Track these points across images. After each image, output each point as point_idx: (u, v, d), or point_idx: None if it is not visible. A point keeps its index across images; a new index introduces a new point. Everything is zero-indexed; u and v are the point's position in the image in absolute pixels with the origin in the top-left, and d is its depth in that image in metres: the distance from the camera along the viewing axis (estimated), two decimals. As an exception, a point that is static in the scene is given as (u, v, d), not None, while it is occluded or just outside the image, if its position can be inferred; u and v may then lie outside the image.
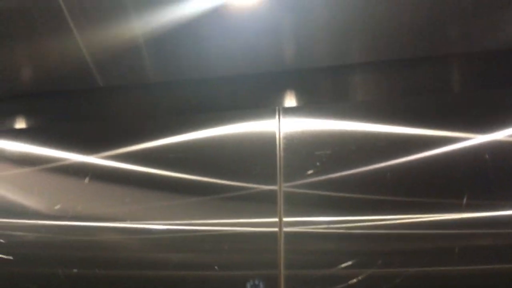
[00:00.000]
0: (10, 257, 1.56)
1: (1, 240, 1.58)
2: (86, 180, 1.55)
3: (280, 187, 1.40)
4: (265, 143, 1.45)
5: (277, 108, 1.49)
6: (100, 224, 1.50)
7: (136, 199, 1.50)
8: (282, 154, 1.43)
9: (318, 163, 1.40)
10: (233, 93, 1.60)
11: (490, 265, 1.26)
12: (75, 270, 1.50)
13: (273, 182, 1.41)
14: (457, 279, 1.26)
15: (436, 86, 1.46)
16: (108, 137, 1.60)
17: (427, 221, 1.30)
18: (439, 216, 1.30)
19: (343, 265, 1.31)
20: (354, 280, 1.30)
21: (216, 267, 1.39)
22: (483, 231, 1.28)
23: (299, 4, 1.39)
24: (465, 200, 1.30)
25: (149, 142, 1.55)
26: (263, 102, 1.55)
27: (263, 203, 1.40)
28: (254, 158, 1.44)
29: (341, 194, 1.36)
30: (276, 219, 1.37)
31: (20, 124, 1.77)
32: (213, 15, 1.43)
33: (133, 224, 1.47)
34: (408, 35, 1.44)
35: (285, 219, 1.37)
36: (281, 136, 1.44)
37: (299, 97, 1.54)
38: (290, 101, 1.54)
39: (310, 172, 1.39)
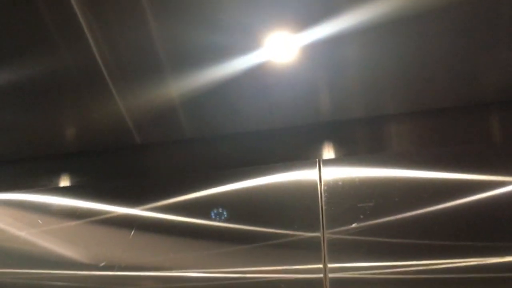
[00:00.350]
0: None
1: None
2: (132, 233, 1.58)
3: (323, 234, 1.41)
4: (307, 193, 1.47)
5: (317, 160, 1.52)
6: (146, 273, 1.52)
7: (180, 249, 1.51)
8: (324, 207, 1.43)
9: (361, 216, 1.41)
10: (272, 147, 1.65)
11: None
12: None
13: (316, 229, 1.42)
14: None
15: (473, 134, 1.49)
16: (148, 192, 1.64)
17: (476, 265, 1.29)
18: (488, 260, 1.29)
19: None
20: None
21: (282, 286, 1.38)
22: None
23: (333, 60, 1.45)
24: None
25: (190, 194, 1.58)
26: (302, 155, 1.59)
27: (307, 250, 1.40)
28: (296, 207, 1.46)
29: (386, 240, 1.37)
30: (321, 266, 1.38)
31: (65, 181, 1.83)
32: (250, 74, 1.49)
33: (178, 273, 1.48)
34: (442, 85, 1.48)
35: (329, 265, 1.37)
36: (322, 189, 1.46)
37: (337, 149, 1.58)
38: (328, 152, 1.58)
39: (354, 225, 1.40)
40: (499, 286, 1.27)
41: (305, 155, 1.60)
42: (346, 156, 1.56)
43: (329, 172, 1.49)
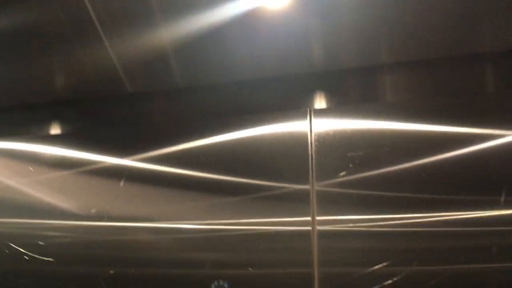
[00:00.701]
0: (50, 259, 1.60)
1: (40, 243, 1.62)
2: (121, 183, 1.58)
3: (313, 186, 1.41)
4: (297, 144, 1.45)
5: (308, 110, 1.49)
6: (136, 224, 1.53)
7: (170, 200, 1.52)
8: (314, 156, 1.43)
9: (350, 165, 1.40)
10: (263, 96, 1.61)
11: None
12: (111, 272, 1.52)
13: (306, 182, 1.41)
14: (494, 276, 1.25)
15: (467, 85, 1.45)
16: (139, 141, 1.63)
17: (463, 218, 1.29)
18: (476, 214, 1.28)
19: (378, 266, 1.31)
20: (390, 281, 1.30)
21: (250, 269, 1.40)
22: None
23: (327, 7, 1.41)
24: (503, 196, 1.28)
25: (181, 145, 1.56)
26: (293, 104, 1.56)
27: (296, 202, 1.40)
28: (286, 158, 1.45)
29: (375, 193, 1.36)
30: (309, 218, 1.38)
31: (55, 129, 1.81)
32: (242, 20, 1.45)
33: (168, 224, 1.49)
34: (437, 34, 1.43)
35: (318, 218, 1.38)
36: (313, 138, 1.45)
37: (329, 99, 1.54)
38: (320, 103, 1.55)
39: (343, 173, 1.39)
40: (487, 239, 1.27)
41: (297, 105, 1.56)
42: (338, 106, 1.53)
43: (320, 122, 1.47)
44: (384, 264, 1.31)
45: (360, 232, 1.35)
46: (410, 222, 1.32)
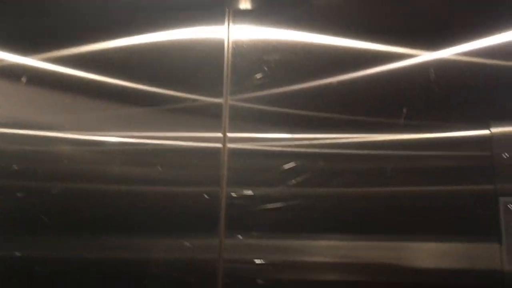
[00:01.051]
0: None
1: None
2: (23, 79, 1.41)
3: (226, 101, 1.31)
4: (213, 51, 1.34)
5: (227, 10, 1.36)
6: (39, 133, 1.39)
7: (75, 108, 1.38)
8: (230, 63, 1.33)
9: (266, 68, 1.32)
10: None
11: (422, 186, 1.23)
12: (15, 167, 1.39)
13: (219, 95, 1.32)
14: (388, 200, 1.23)
15: None
16: (49, 38, 1.45)
17: (367, 141, 1.26)
18: (378, 137, 1.25)
19: (286, 166, 1.27)
20: (293, 181, 1.27)
21: (159, 167, 1.32)
22: (419, 153, 1.24)
23: None
24: (402, 120, 1.24)
25: (91, 45, 1.40)
26: (213, 3, 1.40)
27: (208, 116, 1.32)
28: (200, 67, 1.34)
29: (286, 110, 1.30)
30: (220, 134, 1.30)
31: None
32: None
33: (72, 134, 1.37)
34: None
35: (229, 135, 1.30)
36: (230, 41, 1.34)
37: (253, 1, 1.40)
38: (244, 3, 1.40)
39: (257, 76, 1.32)
40: (383, 163, 1.25)
41: (217, 4, 1.40)
42: (259, 7, 1.39)
43: (239, 25, 1.36)
44: (291, 164, 1.27)
45: (270, 151, 1.29)
46: (319, 143, 1.27)
